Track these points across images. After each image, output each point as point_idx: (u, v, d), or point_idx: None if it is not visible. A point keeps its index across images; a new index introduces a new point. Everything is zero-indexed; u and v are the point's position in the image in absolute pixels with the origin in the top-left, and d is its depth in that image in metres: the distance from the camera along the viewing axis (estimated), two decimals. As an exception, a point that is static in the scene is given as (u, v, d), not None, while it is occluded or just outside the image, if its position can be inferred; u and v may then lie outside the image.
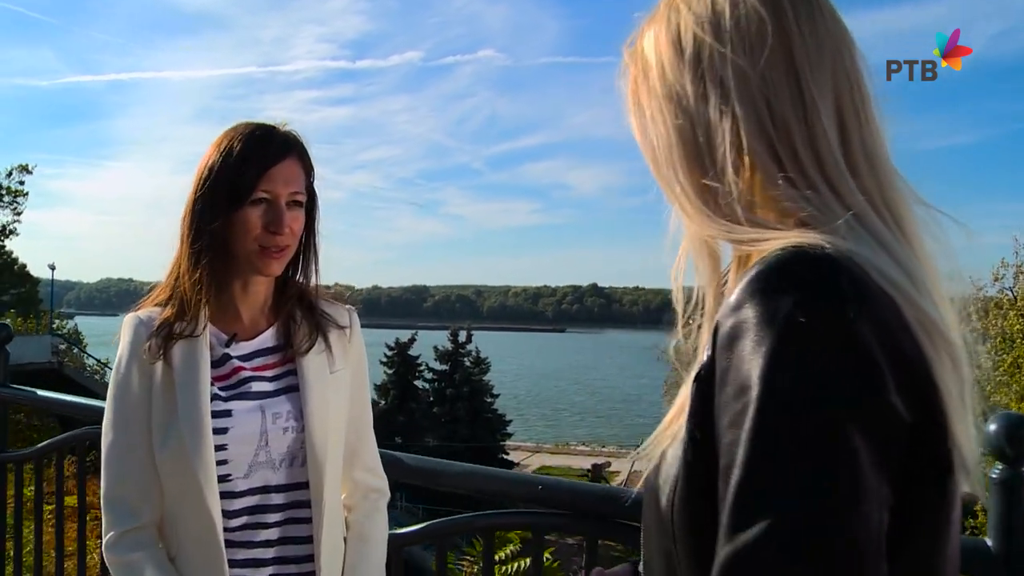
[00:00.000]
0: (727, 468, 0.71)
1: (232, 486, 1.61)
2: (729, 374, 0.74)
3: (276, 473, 1.65)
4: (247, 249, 1.61)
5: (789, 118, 0.84)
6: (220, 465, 1.58)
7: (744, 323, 0.74)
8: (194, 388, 1.59)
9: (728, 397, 0.73)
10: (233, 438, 1.60)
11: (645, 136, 0.96)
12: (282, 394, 1.67)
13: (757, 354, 0.71)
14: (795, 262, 0.75)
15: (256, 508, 1.64)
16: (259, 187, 1.59)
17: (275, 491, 1.66)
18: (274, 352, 1.72)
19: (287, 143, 1.65)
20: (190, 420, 1.56)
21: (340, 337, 1.77)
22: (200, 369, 1.61)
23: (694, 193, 0.89)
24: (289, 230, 1.62)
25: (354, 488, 1.83)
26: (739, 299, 0.75)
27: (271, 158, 1.61)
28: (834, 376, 0.69)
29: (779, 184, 0.83)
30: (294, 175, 1.64)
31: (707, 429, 0.77)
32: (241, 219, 1.59)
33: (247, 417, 1.62)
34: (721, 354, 0.76)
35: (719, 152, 0.86)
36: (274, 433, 1.64)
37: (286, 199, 1.62)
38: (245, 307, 1.71)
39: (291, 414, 1.65)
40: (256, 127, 1.65)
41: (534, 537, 2.03)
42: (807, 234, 0.77)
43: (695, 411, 0.81)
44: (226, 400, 1.62)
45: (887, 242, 0.80)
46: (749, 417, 0.70)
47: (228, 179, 1.59)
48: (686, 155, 0.90)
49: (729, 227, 0.85)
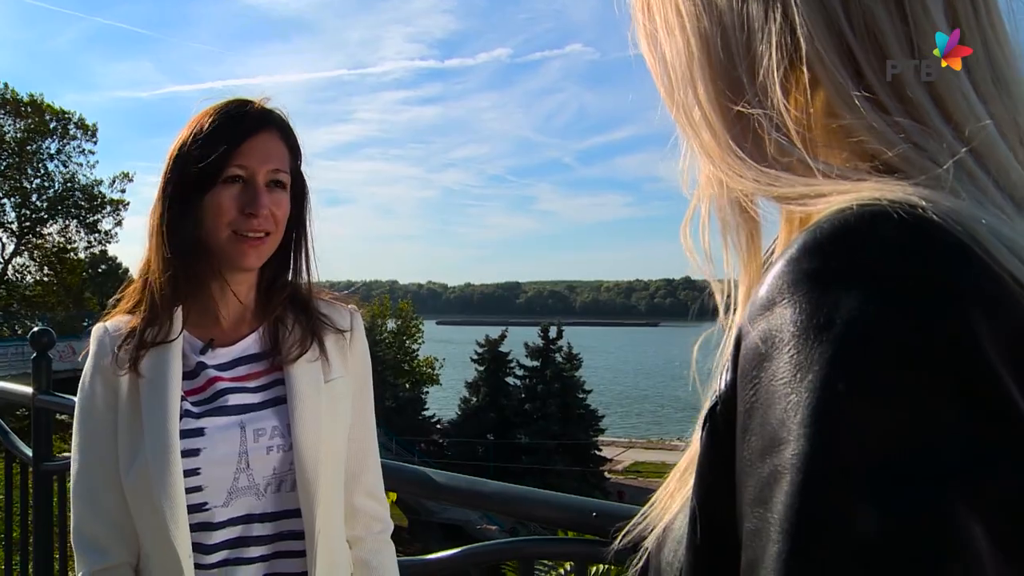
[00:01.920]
0: (750, 569, 0.45)
1: (209, 516, 1.37)
2: (754, 416, 0.47)
3: (261, 500, 1.41)
4: (221, 237, 1.39)
5: (876, 10, 0.53)
6: (194, 492, 1.35)
7: (778, 333, 0.46)
8: (161, 404, 1.36)
9: (752, 453, 0.46)
10: (207, 460, 1.37)
11: (656, 53, 0.66)
12: (267, 407, 1.43)
13: (798, 387, 0.44)
14: (867, 231, 0.46)
15: (238, 541, 1.40)
16: (231, 162, 1.37)
17: (259, 520, 1.41)
18: (259, 360, 1.48)
19: (264, 116, 1.44)
20: (155, 441, 1.33)
21: (338, 342, 1.52)
22: (169, 381, 1.38)
23: (722, 126, 0.60)
24: (269, 213, 1.39)
25: (355, 517, 1.58)
26: (772, 291, 0.48)
27: (245, 130, 1.39)
28: (936, 430, 0.41)
29: (856, 106, 0.53)
30: (274, 151, 1.42)
31: (723, 496, 0.51)
32: (213, 202, 1.37)
33: (223, 435, 1.38)
34: (744, 382, 0.48)
35: (762, 64, 0.57)
36: (256, 453, 1.39)
37: (265, 178, 1.40)
38: (225, 309, 1.48)
39: (276, 430, 1.41)
40: (229, 101, 1.44)
41: (578, 570, 1.73)
42: (892, 185, 0.48)
43: (704, 471, 0.55)
44: (198, 417, 1.39)
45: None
46: (784, 492, 0.43)
47: (198, 158, 1.36)
48: (712, 70, 0.60)
49: (772, 175, 0.55)
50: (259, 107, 1.45)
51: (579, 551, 1.71)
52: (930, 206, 0.45)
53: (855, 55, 0.54)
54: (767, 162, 0.57)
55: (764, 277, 0.49)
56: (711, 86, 0.61)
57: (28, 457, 3.24)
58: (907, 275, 0.44)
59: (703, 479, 0.55)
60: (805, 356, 0.44)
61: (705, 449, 0.55)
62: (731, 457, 0.50)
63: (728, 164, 0.59)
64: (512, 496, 1.82)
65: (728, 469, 0.50)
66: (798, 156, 0.55)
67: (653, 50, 0.67)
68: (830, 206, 0.49)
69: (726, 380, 0.52)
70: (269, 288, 1.51)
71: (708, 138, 0.61)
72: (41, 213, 33.37)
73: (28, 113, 32.17)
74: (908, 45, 0.53)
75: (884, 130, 0.52)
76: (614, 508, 1.56)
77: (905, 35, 0.53)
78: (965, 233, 0.44)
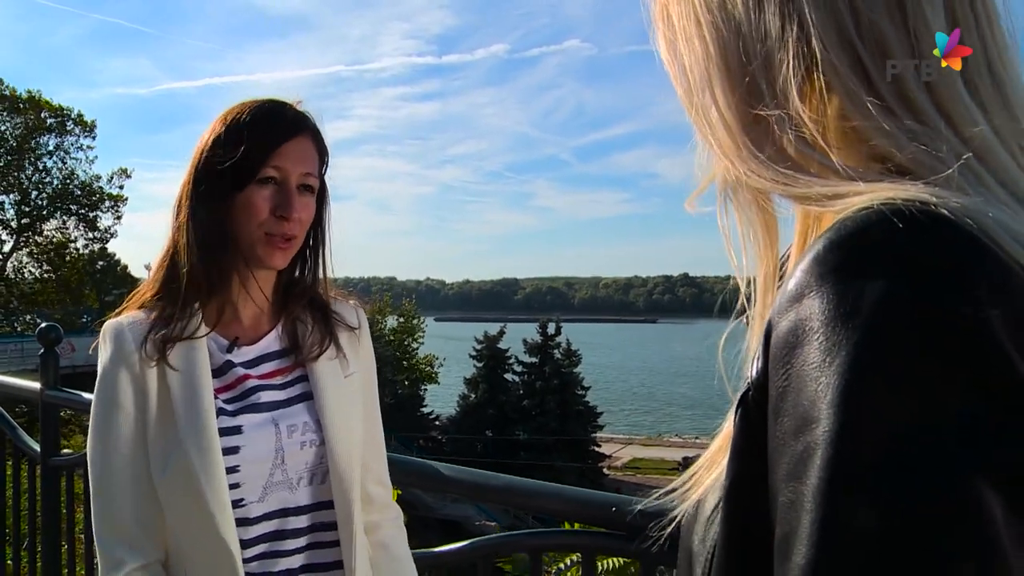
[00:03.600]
0: (784, 542, 0.48)
1: (246, 512, 1.40)
2: (786, 399, 0.51)
3: (295, 493, 1.44)
4: (251, 237, 1.40)
5: (882, 21, 0.58)
6: (232, 489, 1.37)
7: (807, 322, 0.50)
8: (196, 403, 1.37)
9: (785, 433, 0.50)
10: (246, 458, 1.39)
11: (676, 60, 0.70)
12: (296, 403, 1.46)
13: (827, 370, 0.48)
14: (888, 227, 0.50)
15: (274, 535, 1.43)
16: (269, 163, 1.39)
17: (295, 514, 1.45)
18: (280, 357, 1.51)
19: (302, 119, 1.46)
20: (196, 441, 1.34)
21: (351, 338, 1.57)
22: (201, 380, 1.39)
23: (740, 128, 0.63)
24: (298, 218, 1.41)
25: (370, 504, 1.62)
26: (800, 284, 0.52)
27: (284, 132, 1.41)
28: (954, 409, 0.45)
29: (868, 111, 0.57)
30: (308, 155, 1.44)
31: (756, 477, 0.54)
32: (246, 201, 1.38)
33: (260, 432, 1.41)
34: (776, 368, 0.52)
35: (780, 71, 0.61)
36: (291, 449, 1.43)
37: (297, 180, 1.42)
38: (245, 307, 1.50)
39: (308, 426, 1.45)
40: (267, 101, 1.45)
41: (585, 562, 1.76)
42: (907, 185, 0.53)
43: (739, 451, 0.58)
44: (233, 415, 1.41)
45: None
46: (817, 466, 0.47)
47: (233, 155, 1.37)
48: (731, 76, 0.64)
49: (790, 175, 0.59)
50: (295, 110, 1.46)
51: (588, 543, 1.73)
52: (941, 203, 0.50)
53: (864, 64, 0.58)
54: (785, 163, 0.60)
55: (792, 271, 0.53)
56: (730, 91, 0.64)
57: (36, 453, 3.25)
58: (924, 266, 0.48)
59: (736, 461, 0.58)
60: (833, 342, 0.48)
61: (738, 432, 0.58)
62: (763, 439, 0.53)
63: (747, 164, 0.63)
64: (516, 487, 1.85)
65: (760, 451, 0.53)
66: (815, 158, 0.59)
67: (672, 56, 0.70)
68: (849, 206, 0.53)
69: (757, 367, 0.56)
70: (287, 288, 1.54)
71: (726, 140, 0.64)
72: (40, 210, 33.28)
73: (26, 110, 32.06)
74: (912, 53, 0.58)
75: (895, 133, 0.56)
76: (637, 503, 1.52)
77: (908, 45, 0.58)
78: (975, 227, 0.48)
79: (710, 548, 0.63)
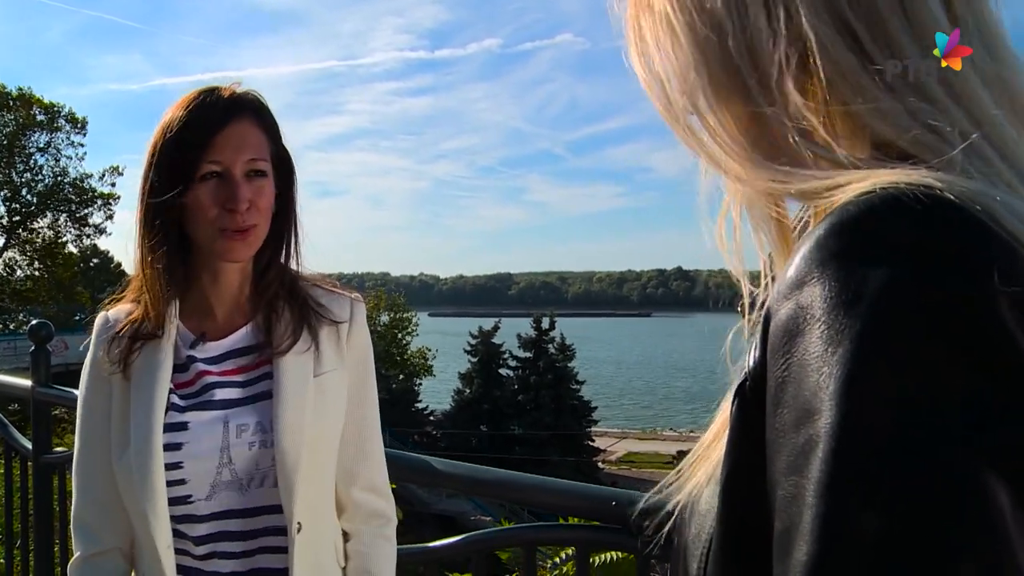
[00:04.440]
0: (784, 536, 0.46)
1: (193, 509, 1.39)
2: (786, 389, 0.48)
3: (243, 495, 1.41)
4: (206, 234, 1.38)
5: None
6: (178, 485, 1.37)
7: (808, 308, 0.48)
8: (147, 397, 1.38)
9: (785, 424, 0.48)
10: (189, 454, 1.38)
11: (652, 75, 0.66)
12: (251, 402, 1.43)
13: (830, 359, 0.46)
14: (891, 211, 0.48)
15: (222, 535, 1.41)
16: (205, 159, 1.35)
17: (240, 516, 1.41)
18: (250, 352, 1.47)
19: (234, 103, 1.40)
20: (137, 437, 1.36)
21: (333, 333, 1.50)
22: (157, 375, 1.39)
23: (728, 132, 0.61)
24: (251, 205, 1.37)
25: (354, 511, 1.56)
26: (800, 271, 0.50)
27: (215, 123, 1.36)
28: (961, 395, 0.43)
29: (867, 93, 0.54)
30: (248, 139, 1.39)
31: (753, 470, 0.52)
32: (193, 201, 1.36)
33: (205, 430, 1.39)
34: (775, 357, 0.50)
35: (769, 63, 0.58)
36: (238, 449, 1.39)
37: (242, 169, 1.37)
38: (218, 301, 1.48)
39: (259, 426, 1.40)
40: (199, 92, 1.41)
41: (579, 556, 1.75)
42: (909, 170, 0.50)
43: (735, 442, 0.56)
44: (183, 411, 1.40)
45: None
46: (819, 459, 0.44)
47: (171, 158, 1.35)
48: (713, 77, 0.61)
49: (786, 172, 0.57)
50: (228, 95, 1.40)
51: (582, 537, 1.73)
52: (946, 187, 0.48)
53: (863, 44, 0.55)
54: (782, 160, 0.58)
55: (792, 258, 0.51)
56: (714, 94, 0.61)
57: (28, 450, 3.23)
58: (928, 251, 0.46)
59: (732, 453, 0.56)
60: (836, 330, 0.46)
61: (735, 423, 0.56)
62: (760, 431, 0.51)
63: (741, 168, 0.60)
64: (513, 482, 1.84)
65: (758, 442, 0.51)
66: (815, 151, 0.57)
67: (648, 71, 0.67)
68: (848, 193, 0.51)
69: (755, 357, 0.54)
70: (261, 277, 1.49)
71: (714, 147, 0.62)
72: (31, 207, 33.16)
73: (16, 107, 31.92)
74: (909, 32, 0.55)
75: (895, 115, 0.54)
76: (635, 497, 1.52)
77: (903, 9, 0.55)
78: (980, 210, 0.47)
79: (705, 541, 0.61)
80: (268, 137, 1.43)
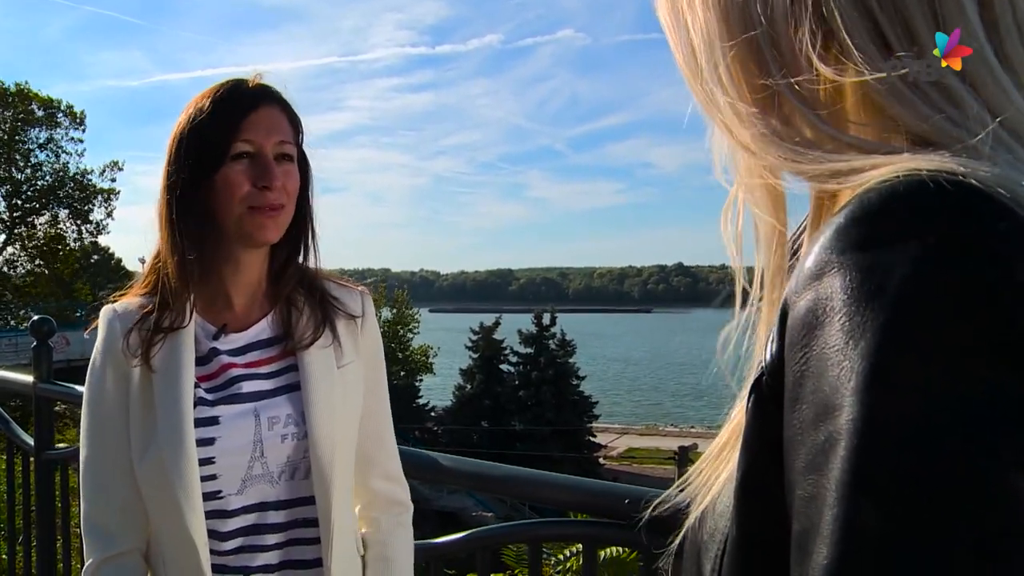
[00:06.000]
0: (803, 538, 0.44)
1: (224, 504, 1.38)
2: (805, 384, 0.46)
3: (275, 487, 1.41)
4: (235, 214, 1.36)
5: None
6: (208, 481, 1.36)
7: (828, 299, 0.46)
8: (174, 392, 1.36)
9: (804, 421, 0.46)
10: (222, 450, 1.37)
11: (678, 24, 0.65)
12: (281, 394, 1.43)
13: (852, 351, 0.43)
14: (914, 198, 0.46)
15: (252, 528, 1.41)
16: (238, 137, 1.36)
17: (274, 508, 1.42)
18: (271, 345, 1.47)
19: (264, 89, 1.43)
20: (169, 431, 1.33)
21: (350, 326, 1.51)
22: (182, 368, 1.37)
23: (745, 100, 0.58)
24: (282, 186, 1.37)
25: (372, 500, 1.58)
26: (820, 261, 0.47)
27: (247, 104, 1.38)
28: (989, 390, 0.41)
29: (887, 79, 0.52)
30: (278, 123, 1.41)
31: (770, 467, 0.50)
32: (223, 180, 1.35)
33: (238, 424, 1.38)
34: (792, 351, 0.48)
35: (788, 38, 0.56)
36: (271, 441, 1.39)
37: (273, 150, 1.38)
38: (237, 292, 1.46)
39: (291, 418, 1.41)
40: (224, 82, 1.42)
41: (586, 552, 1.74)
42: (931, 156, 0.48)
43: (751, 440, 0.54)
44: (213, 404, 1.39)
45: None
46: (840, 458, 0.42)
47: (202, 139, 1.35)
48: (735, 47, 0.58)
49: (799, 151, 0.54)
50: (255, 83, 1.43)
51: (589, 533, 1.71)
52: (969, 172, 0.45)
53: (883, 29, 0.52)
54: (795, 138, 0.56)
55: (809, 248, 0.49)
56: (734, 59, 0.59)
57: (30, 447, 3.22)
58: (954, 239, 0.44)
59: (748, 451, 0.54)
60: (857, 323, 0.44)
61: (751, 420, 0.54)
62: (777, 428, 0.49)
63: (757, 141, 0.58)
64: (519, 477, 1.83)
65: (775, 440, 0.49)
66: (829, 132, 0.54)
67: (674, 21, 0.65)
68: (869, 179, 0.49)
69: (771, 351, 0.51)
70: (280, 270, 1.50)
71: (732, 116, 0.60)
72: (32, 203, 33.13)
73: (15, 103, 31.87)
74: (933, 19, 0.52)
75: (915, 102, 0.51)
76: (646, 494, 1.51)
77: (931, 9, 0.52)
78: (1008, 196, 0.45)
79: (720, 542, 0.60)
80: (292, 127, 1.45)
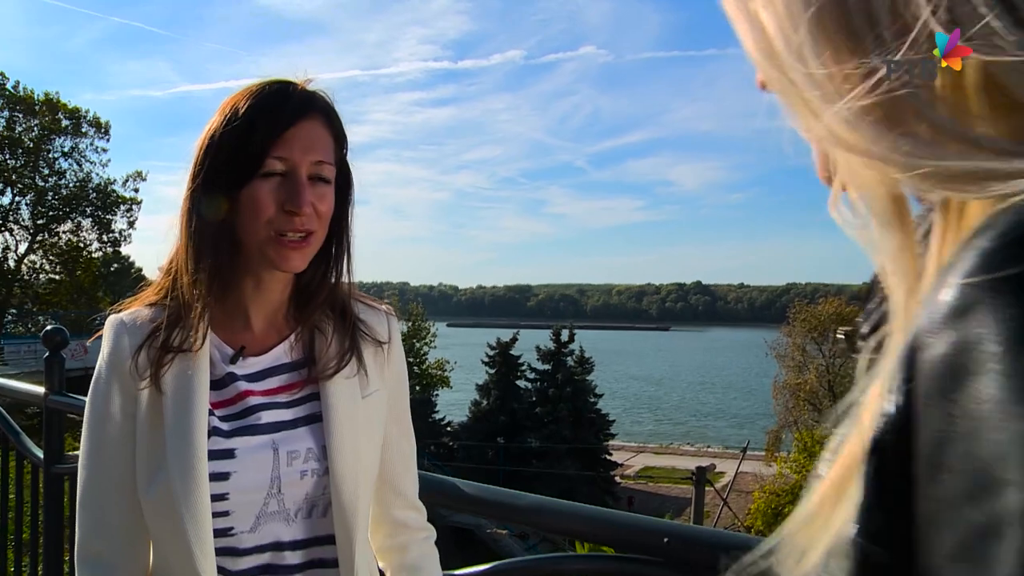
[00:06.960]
0: None
1: (235, 542, 1.26)
2: (951, 448, 0.37)
3: (290, 526, 1.29)
4: (259, 237, 1.24)
5: None
6: (220, 517, 1.24)
7: (979, 345, 0.37)
8: (187, 420, 1.23)
9: (952, 495, 0.37)
10: (237, 486, 1.25)
11: (747, 16, 0.51)
12: (300, 425, 1.30)
13: (1019, 409, 0.34)
14: None
15: (265, 568, 1.28)
16: (271, 153, 1.22)
17: (289, 548, 1.29)
18: (292, 370, 1.34)
19: (310, 100, 1.28)
20: (180, 464, 1.21)
21: (377, 351, 1.39)
22: (196, 394, 1.25)
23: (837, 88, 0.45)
24: (312, 210, 1.24)
25: (396, 528, 1.49)
26: (963, 295, 0.38)
27: (286, 118, 1.24)
28: None
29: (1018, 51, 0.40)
30: (318, 140, 1.26)
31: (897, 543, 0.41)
32: (249, 198, 1.22)
33: (255, 458, 1.26)
34: (931, 406, 0.39)
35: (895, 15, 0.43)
36: (289, 478, 1.27)
37: (308, 171, 1.24)
38: (257, 313, 1.34)
39: (312, 453, 1.29)
40: (268, 83, 1.29)
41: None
42: None
43: (870, 511, 0.44)
44: (228, 435, 1.26)
45: None
46: (1010, 549, 0.33)
47: (232, 148, 1.22)
48: (825, 24, 0.45)
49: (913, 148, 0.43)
50: (302, 89, 1.29)
51: (624, 570, 1.58)
52: None
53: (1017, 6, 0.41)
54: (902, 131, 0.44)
55: (944, 278, 0.40)
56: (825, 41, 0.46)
57: (39, 459, 3.15)
58: None
59: (869, 519, 0.44)
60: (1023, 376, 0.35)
61: (870, 487, 0.44)
62: (904, 497, 0.41)
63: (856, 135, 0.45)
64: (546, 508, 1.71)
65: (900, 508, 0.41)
66: (949, 126, 0.43)
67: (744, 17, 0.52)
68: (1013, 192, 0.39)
69: (896, 403, 0.42)
70: (305, 290, 1.37)
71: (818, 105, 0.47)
72: (55, 211, 33.42)
73: (42, 111, 32.22)
74: None
75: None
76: (688, 531, 1.39)
77: None
78: None
79: None
80: (336, 143, 1.32)
